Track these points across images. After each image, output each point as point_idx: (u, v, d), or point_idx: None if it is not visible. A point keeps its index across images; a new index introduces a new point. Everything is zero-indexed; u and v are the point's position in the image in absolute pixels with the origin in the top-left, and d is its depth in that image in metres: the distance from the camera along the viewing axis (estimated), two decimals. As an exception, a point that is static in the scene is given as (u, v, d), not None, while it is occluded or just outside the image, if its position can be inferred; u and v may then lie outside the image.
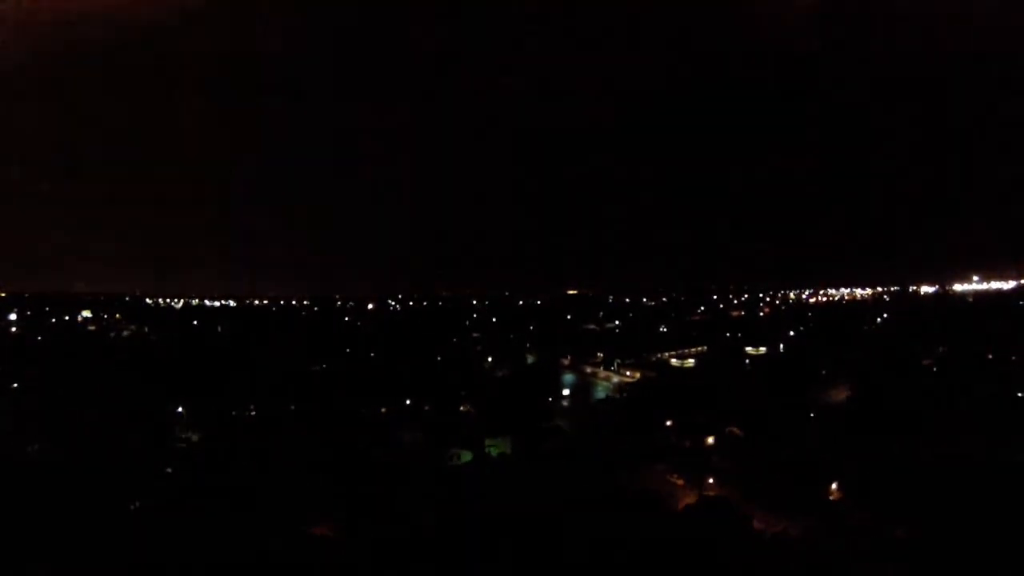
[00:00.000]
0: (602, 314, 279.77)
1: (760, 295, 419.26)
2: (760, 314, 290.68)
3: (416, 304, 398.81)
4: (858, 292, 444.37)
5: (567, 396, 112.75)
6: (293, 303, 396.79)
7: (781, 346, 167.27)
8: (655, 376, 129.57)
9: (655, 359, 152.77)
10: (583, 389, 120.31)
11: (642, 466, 70.50)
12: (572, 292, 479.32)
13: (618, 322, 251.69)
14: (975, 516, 49.19)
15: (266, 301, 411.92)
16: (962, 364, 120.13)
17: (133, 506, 57.33)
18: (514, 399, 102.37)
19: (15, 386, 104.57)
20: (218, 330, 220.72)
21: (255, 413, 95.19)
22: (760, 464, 68.42)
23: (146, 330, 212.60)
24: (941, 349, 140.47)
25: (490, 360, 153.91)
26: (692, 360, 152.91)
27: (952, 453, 63.98)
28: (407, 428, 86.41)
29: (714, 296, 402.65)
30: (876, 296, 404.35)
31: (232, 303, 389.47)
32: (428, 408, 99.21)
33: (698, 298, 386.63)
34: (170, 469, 68.66)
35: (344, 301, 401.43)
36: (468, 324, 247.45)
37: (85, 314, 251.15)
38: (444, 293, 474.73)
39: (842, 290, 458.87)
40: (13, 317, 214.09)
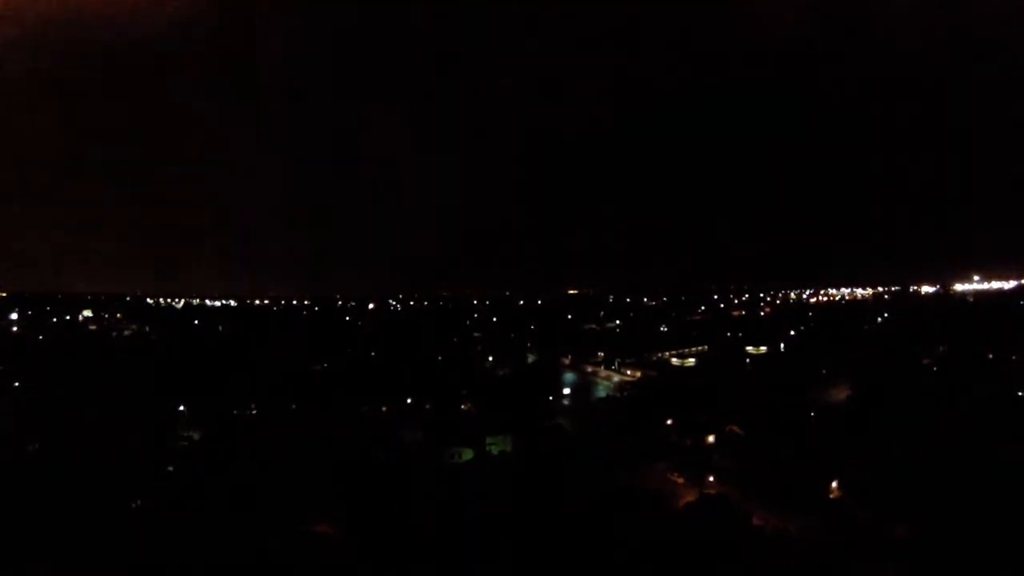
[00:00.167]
0: (602, 314, 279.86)
1: (761, 295, 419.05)
2: (761, 314, 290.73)
3: (417, 304, 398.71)
4: (859, 292, 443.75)
5: (568, 395, 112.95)
6: (294, 303, 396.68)
7: (782, 345, 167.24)
8: (656, 375, 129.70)
9: (656, 358, 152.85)
10: (584, 388, 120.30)
11: (643, 465, 70.62)
12: (573, 292, 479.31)
13: (618, 322, 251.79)
14: (975, 515, 49.27)
15: (267, 301, 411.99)
16: (962, 364, 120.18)
17: (135, 505, 57.50)
18: (515, 398, 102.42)
19: (16, 385, 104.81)
20: (219, 330, 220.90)
21: (256, 412, 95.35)
22: (760, 463, 68.46)
23: (147, 330, 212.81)
24: (941, 349, 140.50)
25: (491, 359, 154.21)
26: (693, 359, 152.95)
27: (952, 452, 63.94)
28: (408, 427, 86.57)
29: (715, 296, 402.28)
30: (876, 296, 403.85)
31: (233, 303, 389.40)
32: (429, 407, 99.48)
33: (699, 298, 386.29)
34: (171, 468, 68.93)
35: (345, 301, 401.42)
36: (469, 324, 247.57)
37: (86, 314, 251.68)
38: (444, 293, 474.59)
39: (843, 290, 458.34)
40: (14, 317, 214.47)
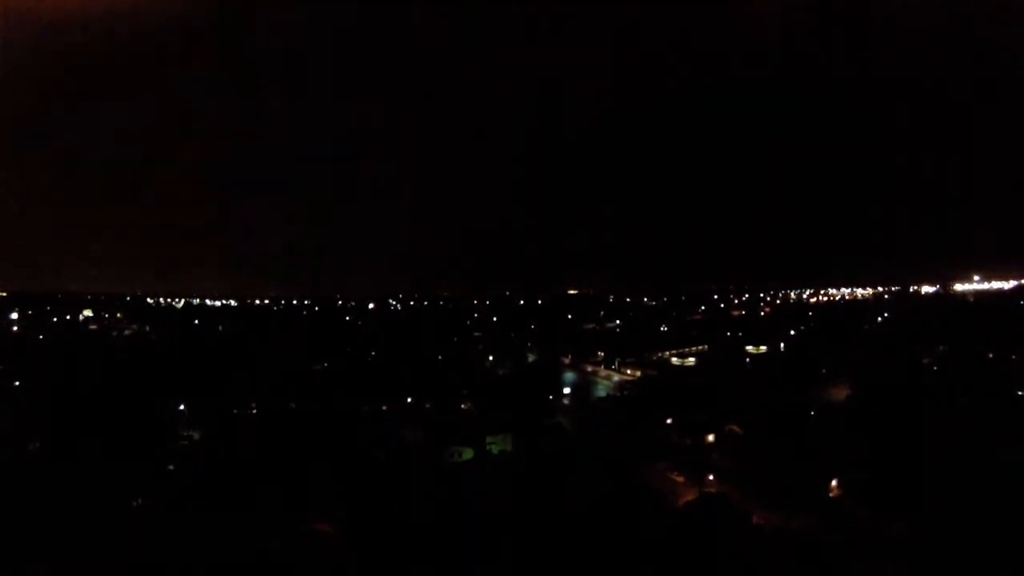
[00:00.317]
0: (602, 313, 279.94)
1: (761, 295, 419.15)
2: (761, 313, 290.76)
3: (417, 304, 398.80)
4: (859, 292, 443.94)
5: (568, 394, 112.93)
6: (294, 302, 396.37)
7: (782, 345, 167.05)
8: (656, 375, 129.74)
9: (656, 358, 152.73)
10: (584, 387, 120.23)
11: (643, 464, 70.66)
12: (573, 292, 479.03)
13: (618, 321, 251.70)
14: (975, 515, 49.34)
15: (267, 301, 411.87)
16: (962, 363, 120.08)
17: (135, 504, 57.57)
18: (515, 397, 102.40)
19: (16, 385, 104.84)
20: (219, 329, 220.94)
21: (256, 412, 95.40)
22: (760, 462, 68.52)
23: (147, 329, 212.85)
24: (941, 348, 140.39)
25: (491, 359, 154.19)
26: (693, 359, 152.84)
27: (952, 452, 64.00)
28: (408, 426, 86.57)
29: (715, 296, 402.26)
30: (876, 296, 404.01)
31: (233, 303, 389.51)
32: (429, 406, 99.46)
33: (698, 298, 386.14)
34: (172, 467, 69.00)
35: (345, 301, 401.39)
36: (469, 323, 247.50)
37: (86, 313, 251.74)
38: (445, 293, 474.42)
39: (843, 290, 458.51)
40: (14, 317, 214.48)
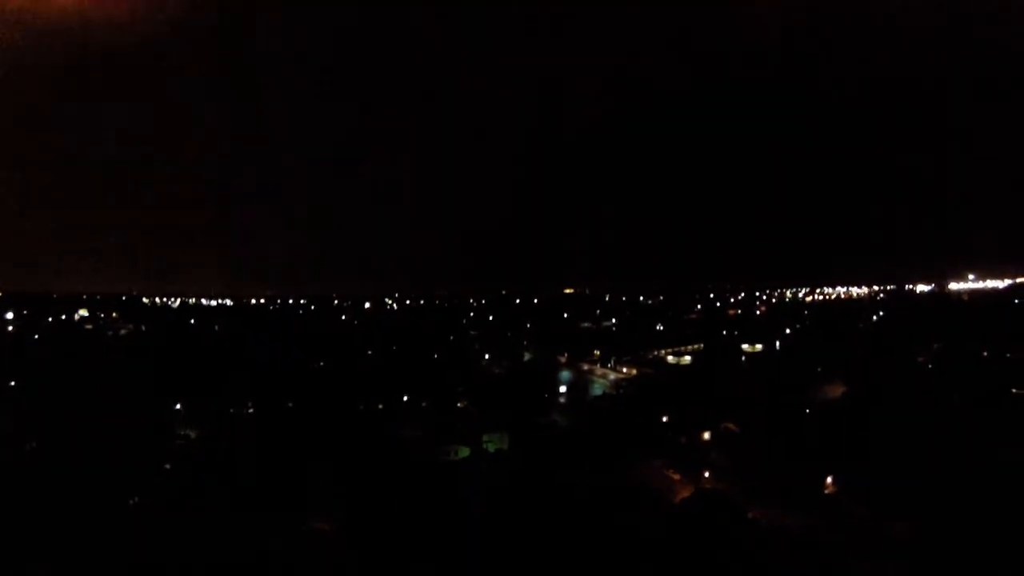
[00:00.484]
0: (599, 312, 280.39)
1: (756, 293, 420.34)
2: (757, 312, 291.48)
3: (413, 303, 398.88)
4: (854, 291, 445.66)
5: (564, 393, 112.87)
6: (290, 302, 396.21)
7: (777, 344, 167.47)
8: (652, 373, 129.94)
9: (652, 356, 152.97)
10: (580, 386, 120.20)
11: (639, 461, 70.83)
12: (569, 291, 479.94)
13: (614, 320, 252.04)
14: (970, 512, 49.61)
15: (263, 300, 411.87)
16: (957, 361, 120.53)
17: (132, 503, 57.48)
18: (511, 396, 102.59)
19: (12, 384, 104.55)
20: (215, 329, 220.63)
21: (253, 411, 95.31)
22: (756, 460, 68.78)
23: (143, 329, 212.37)
24: (936, 347, 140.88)
25: (487, 358, 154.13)
26: (688, 357, 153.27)
27: (947, 449, 64.30)
28: (405, 425, 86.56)
29: (711, 295, 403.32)
30: (872, 294, 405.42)
31: (229, 302, 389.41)
32: (425, 405, 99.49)
33: (694, 296, 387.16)
34: (168, 466, 68.86)
35: (341, 300, 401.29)
36: (465, 323, 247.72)
37: (82, 313, 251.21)
38: (441, 292, 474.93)
39: (838, 288, 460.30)
40: (10, 316, 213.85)
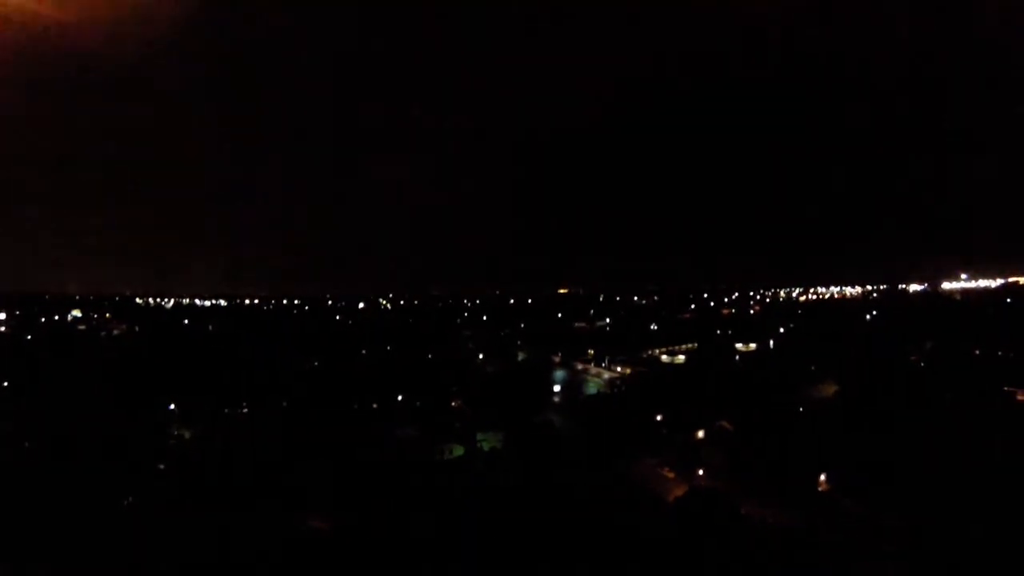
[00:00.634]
0: (593, 312, 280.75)
1: (751, 293, 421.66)
2: (751, 312, 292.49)
3: (407, 303, 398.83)
4: (848, 290, 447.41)
5: (558, 392, 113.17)
6: (284, 302, 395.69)
7: (771, 343, 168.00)
8: (646, 372, 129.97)
9: (646, 356, 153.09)
10: (574, 385, 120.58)
11: (633, 460, 71.07)
12: (563, 291, 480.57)
13: (609, 320, 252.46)
14: (961, 507, 49.99)
15: (257, 300, 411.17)
16: (950, 360, 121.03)
17: (126, 503, 57.36)
18: (505, 395, 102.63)
19: (5, 385, 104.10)
20: (209, 329, 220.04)
21: (247, 410, 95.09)
22: (750, 457, 69.00)
23: (137, 329, 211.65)
24: (929, 345, 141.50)
25: (481, 357, 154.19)
26: (683, 357, 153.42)
27: (939, 446, 64.70)
28: (399, 424, 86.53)
29: (705, 294, 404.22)
30: (865, 294, 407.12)
31: (223, 302, 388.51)
32: (420, 404, 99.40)
33: (689, 296, 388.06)
34: (162, 466, 68.72)
35: (335, 300, 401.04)
36: (459, 323, 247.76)
37: (75, 314, 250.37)
38: (435, 293, 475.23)
39: (832, 288, 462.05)
40: (2, 317, 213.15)
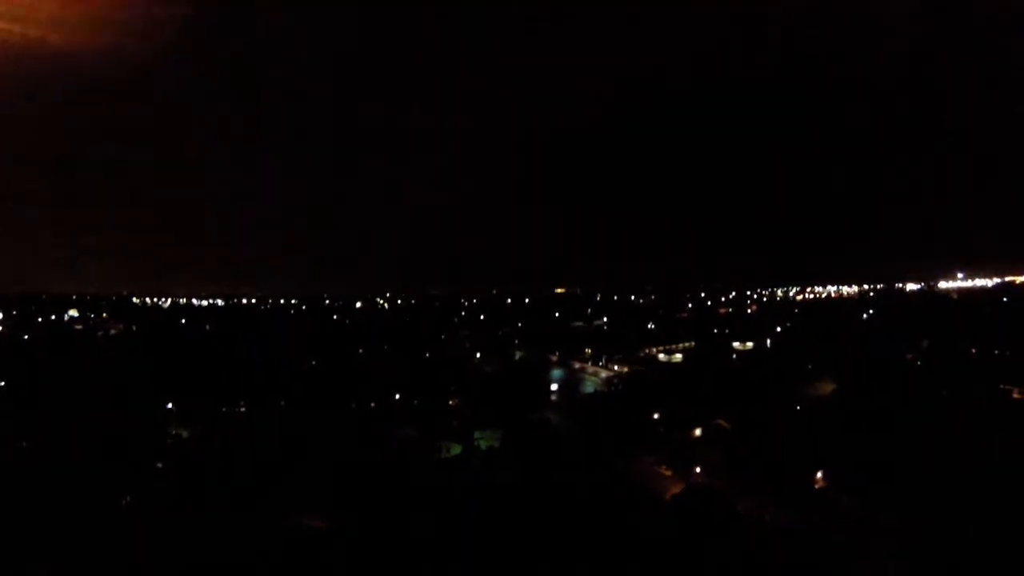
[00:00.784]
0: (590, 311, 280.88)
1: (748, 292, 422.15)
2: (747, 311, 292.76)
3: (404, 303, 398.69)
4: (844, 289, 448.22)
5: (555, 391, 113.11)
6: (281, 302, 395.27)
7: (768, 342, 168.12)
8: (643, 371, 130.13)
9: (643, 355, 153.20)
10: (571, 384, 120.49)
11: (630, 458, 71.18)
12: (560, 290, 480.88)
13: (606, 319, 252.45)
14: (957, 503, 50.25)
15: (254, 300, 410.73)
16: (946, 359, 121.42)
17: (124, 502, 57.36)
18: (502, 394, 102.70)
19: (3, 385, 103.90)
20: (206, 328, 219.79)
21: (244, 410, 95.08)
22: (746, 456, 69.16)
23: (134, 329, 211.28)
24: (925, 344, 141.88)
25: (479, 356, 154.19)
26: (680, 355, 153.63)
27: (935, 444, 64.97)
28: (397, 423, 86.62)
29: (702, 294, 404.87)
30: (862, 293, 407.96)
31: (220, 302, 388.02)
32: (417, 403, 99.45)
33: (686, 296, 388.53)
34: (160, 465, 68.70)
35: (332, 300, 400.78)
36: (456, 322, 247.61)
37: (71, 313, 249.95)
38: (433, 292, 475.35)
39: (828, 288, 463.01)
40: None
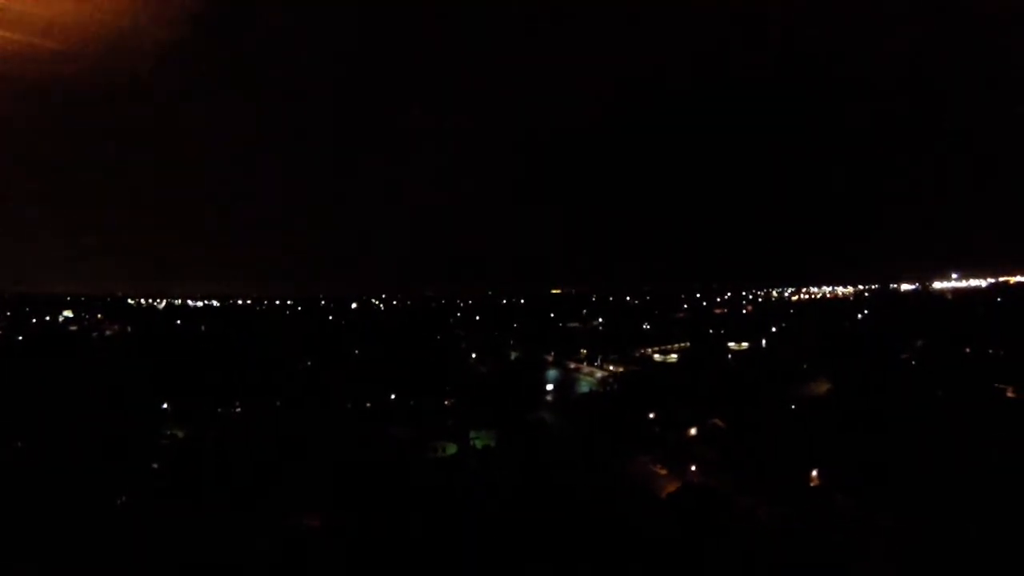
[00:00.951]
0: (585, 312, 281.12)
1: (743, 293, 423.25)
2: (743, 311, 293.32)
3: (401, 304, 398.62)
4: (840, 290, 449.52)
5: (551, 391, 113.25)
6: (277, 303, 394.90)
7: (763, 342, 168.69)
8: (639, 371, 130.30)
9: (639, 355, 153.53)
10: (567, 384, 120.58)
11: (626, 457, 71.26)
12: (556, 291, 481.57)
13: (601, 320, 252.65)
14: (951, 500, 50.50)
15: (249, 301, 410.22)
16: (940, 358, 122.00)
17: (119, 501, 57.27)
18: (498, 393, 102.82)
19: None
20: (202, 329, 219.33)
21: (240, 410, 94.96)
22: (742, 454, 69.35)
23: (129, 329, 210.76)
24: (920, 344, 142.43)
25: (474, 357, 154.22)
26: (675, 355, 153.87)
27: (929, 442, 65.28)
28: (393, 423, 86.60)
29: (697, 294, 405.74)
30: (857, 294, 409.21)
31: (215, 303, 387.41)
32: (413, 403, 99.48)
33: (681, 296, 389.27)
34: (156, 465, 68.59)
35: (328, 301, 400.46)
36: (452, 322, 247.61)
37: (66, 314, 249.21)
38: (429, 293, 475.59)
39: (824, 288, 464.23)
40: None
